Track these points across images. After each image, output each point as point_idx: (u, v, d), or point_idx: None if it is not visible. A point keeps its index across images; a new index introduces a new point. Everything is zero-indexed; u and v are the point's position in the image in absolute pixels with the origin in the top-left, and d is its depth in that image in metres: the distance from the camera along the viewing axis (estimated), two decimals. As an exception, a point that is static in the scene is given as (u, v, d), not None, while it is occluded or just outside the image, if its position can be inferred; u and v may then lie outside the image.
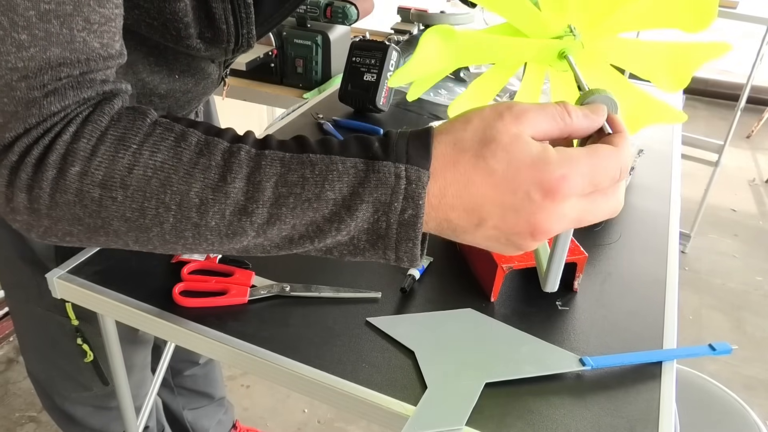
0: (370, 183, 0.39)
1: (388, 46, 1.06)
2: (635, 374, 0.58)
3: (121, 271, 0.67)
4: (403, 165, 0.38)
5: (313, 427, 1.60)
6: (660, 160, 1.01)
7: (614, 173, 0.39)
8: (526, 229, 0.38)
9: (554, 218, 0.38)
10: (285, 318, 0.62)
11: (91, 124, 0.40)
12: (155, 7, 0.53)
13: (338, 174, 0.39)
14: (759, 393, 1.78)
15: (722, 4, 2.04)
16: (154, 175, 0.40)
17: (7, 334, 1.80)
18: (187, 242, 0.42)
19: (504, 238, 0.40)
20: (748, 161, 3.22)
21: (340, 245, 0.42)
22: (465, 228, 0.40)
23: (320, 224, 0.40)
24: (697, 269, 2.30)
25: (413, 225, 0.39)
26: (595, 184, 0.38)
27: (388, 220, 0.39)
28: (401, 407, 0.53)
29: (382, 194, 0.39)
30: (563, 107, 0.40)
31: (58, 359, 0.86)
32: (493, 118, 0.39)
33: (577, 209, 0.38)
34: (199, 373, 1.23)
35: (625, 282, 0.71)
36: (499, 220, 0.39)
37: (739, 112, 2.16)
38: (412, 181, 0.38)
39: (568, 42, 0.48)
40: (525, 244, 0.40)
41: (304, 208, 0.39)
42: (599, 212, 0.40)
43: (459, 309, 0.65)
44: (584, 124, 0.40)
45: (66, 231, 0.42)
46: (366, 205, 0.39)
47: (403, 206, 0.39)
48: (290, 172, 0.40)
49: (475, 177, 0.38)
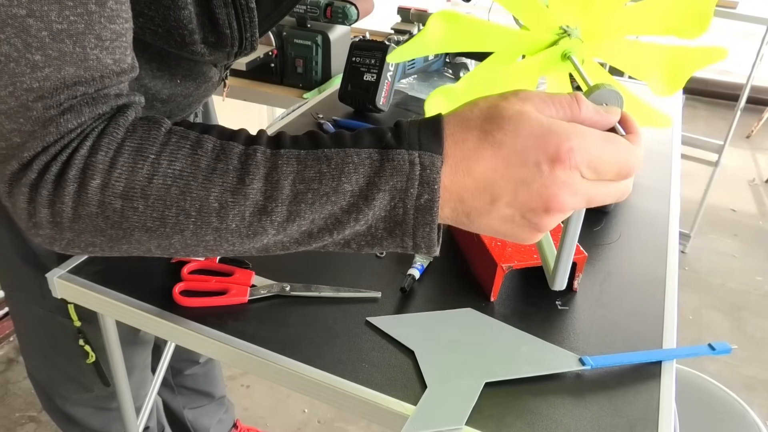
0: (385, 172, 0.39)
1: (388, 46, 1.06)
2: (635, 374, 0.58)
3: (121, 271, 0.67)
4: (417, 152, 0.39)
5: (313, 427, 1.60)
6: (660, 160, 1.01)
7: (623, 165, 0.39)
8: (540, 204, 0.38)
9: (567, 191, 0.38)
10: (285, 318, 0.62)
11: (108, 137, 0.40)
12: (160, 15, 0.53)
13: (354, 166, 0.40)
14: (759, 393, 1.78)
15: (722, 4, 2.04)
16: (174, 184, 0.40)
17: (7, 334, 1.80)
18: (209, 245, 0.43)
19: (519, 216, 0.40)
20: (748, 161, 3.22)
21: (358, 236, 0.42)
22: (479, 209, 0.40)
23: (339, 216, 0.41)
24: (697, 269, 2.30)
25: (430, 209, 0.40)
26: (603, 168, 0.38)
27: (405, 206, 0.40)
28: (401, 407, 0.53)
29: (398, 181, 0.39)
30: (574, 97, 0.40)
31: (59, 361, 0.86)
32: (498, 99, 0.40)
33: (587, 185, 0.39)
34: (199, 372, 1.23)
35: (625, 282, 0.71)
36: (511, 197, 0.39)
37: (739, 112, 2.16)
38: (426, 166, 0.39)
39: (566, 43, 0.48)
40: (542, 222, 0.40)
41: (323, 202, 0.40)
42: (608, 195, 0.40)
43: (459, 309, 0.65)
44: (594, 118, 0.40)
45: (89, 242, 0.42)
46: (383, 193, 0.39)
47: (419, 192, 0.39)
48: (307, 169, 0.40)
49: (484, 152, 0.38)
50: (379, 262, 0.71)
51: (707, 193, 2.28)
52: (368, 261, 0.71)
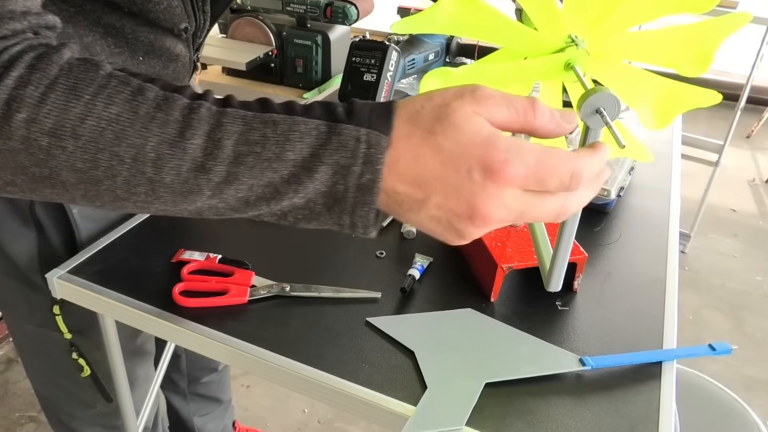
0: (331, 145, 0.39)
1: (388, 46, 1.06)
2: (635, 374, 0.58)
3: (121, 271, 0.67)
4: (365, 129, 0.39)
5: (313, 427, 1.60)
6: (660, 160, 1.01)
7: (563, 177, 0.38)
8: (466, 211, 0.38)
9: (493, 203, 0.38)
10: (285, 318, 0.62)
11: (39, 72, 0.39)
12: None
13: (300, 135, 0.39)
14: (759, 393, 1.78)
15: (722, 4, 2.04)
16: (108, 127, 0.39)
17: (7, 334, 1.80)
18: (139, 199, 0.41)
19: (445, 219, 0.40)
20: (748, 161, 3.22)
21: (296, 209, 0.41)
22: (410, 204, 0.40)
23: (278, 186, 0.40)
24: (697, 269, 2.30)
25: (370, 189, 0.39)
26: (541, 181, 0.38)
27: (347, 183, 0.39)
28: (401, 407, 0.53)
29: (342, 157, 0.39)
30: (531, 103, 0.40)
31: (57, 377, 0.83)
32: (452, 98, 0.39)
33: (519, 201, 0.38)
34: (215, 379, 1.22)
35: (625, 282, 0.71)
36: (441, 198, 0.39)
37: (739, 112, 2.16)
38: (372, 145, 0.38)
39: (572, 52, 0.48)
40: (466, 230, 0.39)
41: (264, 167, 0.39)
42: (544, 211, 0.40)
43: (459, 309, 0.65)
44: (548, 125, 0.40)
45: (8, 181, 0.41)
46: (326, 167, 0.39)
47: (362, 170, 0.39)
48: (252, 131, 0.39)
49: (424, 151, 0.38)
50: (379, 262, 0.71)
51: (707, 193, 2.28)
52: (368, 261, 0.71)
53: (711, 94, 0.51)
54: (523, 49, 0.50)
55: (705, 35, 0.49)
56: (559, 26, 0.47)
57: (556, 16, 0.46)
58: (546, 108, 0.40)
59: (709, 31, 0.49)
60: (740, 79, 3.25)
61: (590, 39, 0.48)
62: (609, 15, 0.47)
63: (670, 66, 0.50)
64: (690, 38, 0.49)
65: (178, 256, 0.69)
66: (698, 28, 0.49)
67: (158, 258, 0.69)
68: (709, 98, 0.52)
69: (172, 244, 0.71)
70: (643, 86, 0.53)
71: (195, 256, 0.68)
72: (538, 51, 0.49)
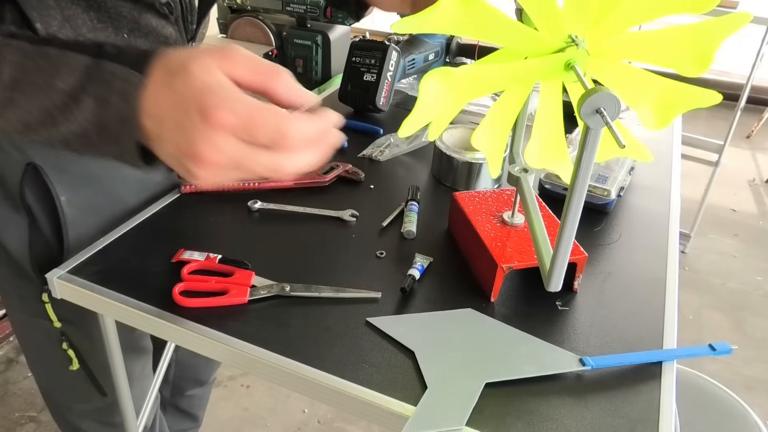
0: (93, 79, 0.44)
1: (388, 46, 1.06)
2: (635, 374, 0.58)
3: (121, 271, 0.67)
4: (125, 68, 0.43)
5: (313, 427, 1.60)
6: (660, 160, 1.01)
7: (270, 132, 0.42)
8: (187, 150, 0.42)
9: (206, 144, 0.41)
10: (285, 318, 0.62)
11: None
12: None
13: (69, 68, 0.44)
14: (759, 393, 1.78)
15: (722, 4, 2.04)
16: None
17: (7, 334, 1.80)
18: None
19: (177, 156, 0.43)
20: (748, 161, 3.22)
21: (75, 136, 0.46)
22: (156, 140, 0.44)
23: (53, 113, 0.45)
24: (697, 269, 2.30)
25: (129, 122, 0.44)
26: (249, 131, 0.41)
27: (108, 114, 0.44)
28: (401, 407, 0.53)
29: (104, 90, 0.44)
30: (275, 69, 0.44)
31: (52, 368, 0.83)
32: (203, 51, 0.43)
33: (234, 148, 0.42)
34: (198, 394, 1.21)
35: (625, 282, 0.71)
36: (173, 135, 0.43)
37: (739, 112, 2.16)
38: (127, 82, 0.43)
39: (572, 52, 0.48)
40: (193, 169, 0.43)
41: (37, 94, 0.44)
42: (258, 163, 0.43)
43: (459, 309, 0.65)
44: (286, 94, 0.44)
45: None
46: (90, 98, 0.44)
47: (119, 103, 0.43)
48: (28, 60, 0.44)
49: (164, 91, 0.43)
50: (379, 262, 0.71)
51: (707, 193, 2.28)
52: (368, 261, 0.71)
53: (711, 94, 0.51)
54: (524, 49, 0.50)
55: (705, 35, 0.49)
56: (560, 26, 0.47)
57: (557, 16, 0.46)
58: (290, 78, 0.45)
59: (709, 31, 0.49)
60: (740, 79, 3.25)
61: (590, 39, 0.48)
62: (609, 15, 0.47)
63: (670, 66, 0.50)
64: (690, 38, 0.49)
65: (178, 256, 0.69)
66: (698, 28, 0.49)
67: (158, 258, 0.69)
68: (709, 98, 0.52)
69: (172, 244, 0.71)
70: (643, 86, 0.53)
71: (195, 256, 0.68)
72: (539, 51, 0.49)
